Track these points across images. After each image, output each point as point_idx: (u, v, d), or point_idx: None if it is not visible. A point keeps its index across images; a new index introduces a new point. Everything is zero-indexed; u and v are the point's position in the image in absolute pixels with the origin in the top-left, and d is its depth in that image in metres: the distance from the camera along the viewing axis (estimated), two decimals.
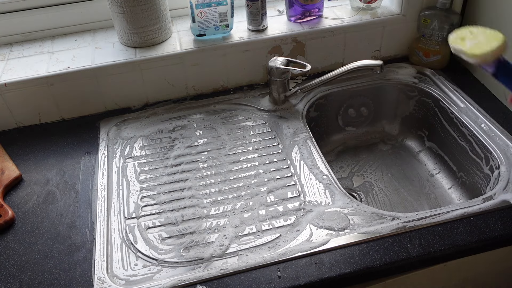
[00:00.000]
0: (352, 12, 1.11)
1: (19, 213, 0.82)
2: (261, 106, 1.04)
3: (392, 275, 0.73)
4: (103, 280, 0.69)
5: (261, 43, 1.04)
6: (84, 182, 0.87)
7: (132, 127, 1.00)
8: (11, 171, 0.89)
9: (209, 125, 0.99)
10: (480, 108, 0.98)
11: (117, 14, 0.99)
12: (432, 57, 1.10)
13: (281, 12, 1.13)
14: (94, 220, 0.79)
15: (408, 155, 1.13)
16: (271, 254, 0.71)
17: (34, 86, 0.97)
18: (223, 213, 0.79)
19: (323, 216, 0.76)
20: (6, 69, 0.99)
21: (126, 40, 1.03)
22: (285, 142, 0.93)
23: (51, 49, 1.05)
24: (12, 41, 1.09)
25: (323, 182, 0.83)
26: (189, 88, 1.07)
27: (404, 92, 1.11)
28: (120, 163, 0.91)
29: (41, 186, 0.87)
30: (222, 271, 0.69)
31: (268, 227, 0.76)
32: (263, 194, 0.82)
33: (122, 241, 0.75)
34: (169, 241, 0.75)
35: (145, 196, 0.83)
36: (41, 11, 1.07)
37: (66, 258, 0.73)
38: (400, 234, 0.73)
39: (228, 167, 0.88)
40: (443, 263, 0.75)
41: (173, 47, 1.02)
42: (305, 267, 0.69)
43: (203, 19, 1.00)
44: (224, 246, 0.73)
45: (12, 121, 1.01)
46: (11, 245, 0.76)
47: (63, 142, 0.97)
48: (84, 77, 0.99)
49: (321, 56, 1.11)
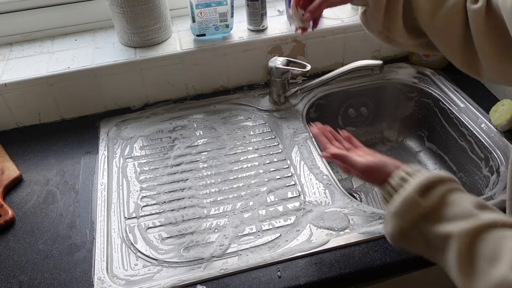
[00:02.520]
0: (352, 12, 1.11)
1: (19, 213, 0.82)
2: (261, 106, 1.04)
3: (392, 275, 0.73)
4: (103, 280, 0.69)
5: (261, 43, 1.04)
6: (84, 182, 0.87)
7: (132, 127, 1.00)
8: (11, 171, 0.89)
9: (209, 125, 0.99)
10: (480, 108, 0.98)
11: (117, 14, 0.99)
12: (432, 57, 1.10)
13: (281, 12, 1.13)
14: (94, 220, 0.79)
15: (408, 155, 1.13)
16: (271, 254, 0.71)
17: (34, 86, 0.97)
18: (223, 213, 0.79)
19: (323, 216, 0.76)
20: (6, 69, 0.99)
21: (126, 40, 1.03)
22: (285, 142, 0.93)
23: (51, 49, 1.05)
24: (12, 41, 1.09)
25: (323, 182, 0.83)
26: (189, 88, 1.07)
27: (404, 92, 1.11)
28: (120, 163, 0.91)
29: (41, 186, 0.87)
30: (222, 271, 0.69)
31: (268, 227, 0.76)
32: (263, 194, 0.82)
33: (122, 241, 0.75)
34: (169, 241, 0.75)
35: (145, 196, 0.83)
36: (41, 11, 1.07)
37: (66, 258, 0.73)
38: None
39: (228, 167, 0.88)
40: None
41: (173, 47, 1.02)
42: (305, 267, 0.69)
43: (203, 19, 1.00)
44: (224, 246, 0.73)
45: (12, 121, 1.01)
46: (11, 245, 0.76)
47: (63, 142, 0.97)
48: (84, 77, 0.99)
49: (321, 56, 1.11)
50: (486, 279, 0.50)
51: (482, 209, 0.55)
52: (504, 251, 0.49)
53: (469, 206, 0.55)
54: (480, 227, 0.52)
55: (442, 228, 0.55)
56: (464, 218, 0.54)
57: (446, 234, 0.54)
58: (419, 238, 0.58)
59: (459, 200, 0.56)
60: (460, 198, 0.57)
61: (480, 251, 0.51)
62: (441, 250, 0.55)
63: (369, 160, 0.65)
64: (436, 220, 0.56)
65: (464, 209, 0.55)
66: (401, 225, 0.58)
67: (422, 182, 0.57)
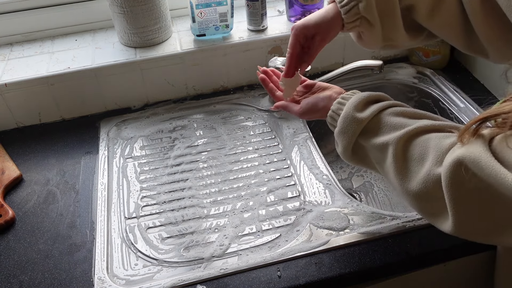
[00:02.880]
0: None
1: (19, 213, 0.82)
2: (261, 106, 1.04)
3: (392, 275, 0.73)
4: (103, 280, 0.69)
5: (261, 43, 1.04)
6: (84, 182, 0.87)
7: (132, 127, 1.00)
8: (11, 171, 0.89)
9: (209, 125, 0.99)
10: (480, 108, 0.98)
11: (117, 14, 0.99)
12: (432, 57, 1.10)
13: (281, 12, 1.13)
14: (94, 220, 0.79)
15: None
16: (271, 254, 0.71)
17: (35, 86, 0.97)
18: (223, 213, 0.79)
19: (323, 216, 0.77)
20: (7, 69, 0.99)
21: (126, 40, 1.03)
22: (285, 142, 0.93)
23: (51, 49, 1.05)
24: (13, 41, 1.09)
25: (323, 182, 0.83)
26: (189, 88, 1.07)
27: (404, 92, 1.11)
28: (120, 163, 0.91)
29: (42, 186, 0.87)
30: (222, 271, 0.69)
31: (268, 227, 0.76)
32: (263, 194, 0.82)
33: (122, 241, 0.75)
34: (169, 241, 0.75)
35: (145, 196, 0.83)
36: (42, 11, 1.07)
37: (67, 258, 0.73)
38: (400, 234, 0.73)
39: (228, 167, 0.88)
40: (443, 263, 0.75)
41: (173, 47, 1.02)
42: (305, 267, 0.69)
43: (203, 19, 1.01)
44: (224, 246, 0.73)
45: (12, 121, 1.01)
46: (12, 245, 0.76)
47: (63, 142, 0.97)
48: (84, 77, 0.99)
49: (321, 56, 1.10)
50: (417, 177, 0.57)
51: (414, 117, 0.62)
52: (429, 151, 0.56)
53: (402, 117, 0.62)
54: (410, 133, 0.58)
55: (380, 139, 0.61)
56: (398, 128, 0.60)
57: (383, 144, 0.61)
58: (364, 152, 0.65)
59: (393, 114, 0.62)
60: (395, 112, 0.63)
61: (411, 154, 0.58)
62: (382, 159, 0.62)
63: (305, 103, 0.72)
64: (374, 134, 0.62)
65: (398, 121, 0.61)
66: (346, 142, 0.65)
67: (357, 99, 0.65)
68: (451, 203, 0.53)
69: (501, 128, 0.50)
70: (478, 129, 0.51)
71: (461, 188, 0.52)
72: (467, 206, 0.52)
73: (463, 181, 0.51)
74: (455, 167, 0.51)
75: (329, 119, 0.68)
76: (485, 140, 0.50)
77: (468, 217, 0.53)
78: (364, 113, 0.63)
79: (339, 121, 0.65)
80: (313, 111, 0.71)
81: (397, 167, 0.59)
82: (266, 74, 0.80)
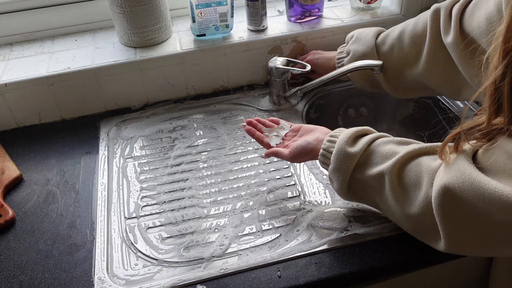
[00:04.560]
0: (352, 12, 1.11)
1: (19, 213, 0.82)
2: (261, 106, 1.04)
3: (392, 275, 0.73)
4: (103, 280, 0.69)
5: (261, 43, 1.05)
6: (84, 182, 0.87)
7: (132, 127, 1.00)
8: (11, 171, 0.89)
9: (209, 125, 0.99)
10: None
11: (117, 14, 0.99)
12: None
13: (281, 12, 1.13)
14: (94, 220, 0.79)
15: None
16: (271, 254, 0.71)
17: (34, 86, 0.97)
18: (223, 213, 0.79)
19: (323, 216, 0.77)
20: (7, 69, 0.99)
21: (126, 40, 1.03)
22: None
23: (51, 49, 1.05)
24: (13, 41, 1.09)
25: (323, 182, 0.83)
26: (189, 88, 1.07)
27: None
28: (120, 163, 0.91)
29: (42, 186, 0.87)
30: (222, 271, 0.69)
31: (268, 227, 0.76)
32: (263, 194, 0.82)
33: (122, 241, 0.75)
34: (169, 241, 0.75)
35: (145, 196, 0.83)
36: (41, 11, 1.07)
37: (67, 258, 0.73)
38: (400, 234, 0.73)
39: (228, 167, 0.88)
40: (443, 263, 0.75)
41: (173, 47, 1.02)
42: (305, 267, 0.69)
43: (203, 19, 1.01)
44: (224, 246, 0.73)
45: (12, 121, 1.01)
46: (12, 245, 0.76)
47: (63, 142, 0.97)
48: (84, 77, 0.99)
49: None
50: (416, 201, 0.59)
51: (403, 144, 0.64)
52: (423, 175, 0.58)
53: (392, 146, 0.64)
54: (401, 160, 0.61)
55: (374, 169, 0.63)
56: (390, 157, 0.62)
57: (378, 174, 0.63)
58: (360, 186, 0.67)
59: (383, 144, 0.65)
60: (384, 142, 0.65)
61: (406, 180, 0.60)
62: (379, 189, 0.64)
63: (293, 147, 0.75)
64: (368, 165, 0.65)
65: (388, 149, 0.63)
66: (342, 178, 0.67)
67: (347, 135, 0.67)
68: (443, 227, 0.55)
69: (479, 140, 0.52)
70: (458, 145, 0.54)
71: (449, 215, 0.54)
72: (458, 229, 0.55)
73: (452, 207, 0.53)
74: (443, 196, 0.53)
75: (321, 158, 0.71)
76: (467, 155, 0.52)
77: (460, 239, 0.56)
78: (355, 147, 0.66)
79: (333, 159, 0.68)
80: (303, 153, 0.74)
81: (395, 194, 0.61)
82: (251, 124, 0.83)
